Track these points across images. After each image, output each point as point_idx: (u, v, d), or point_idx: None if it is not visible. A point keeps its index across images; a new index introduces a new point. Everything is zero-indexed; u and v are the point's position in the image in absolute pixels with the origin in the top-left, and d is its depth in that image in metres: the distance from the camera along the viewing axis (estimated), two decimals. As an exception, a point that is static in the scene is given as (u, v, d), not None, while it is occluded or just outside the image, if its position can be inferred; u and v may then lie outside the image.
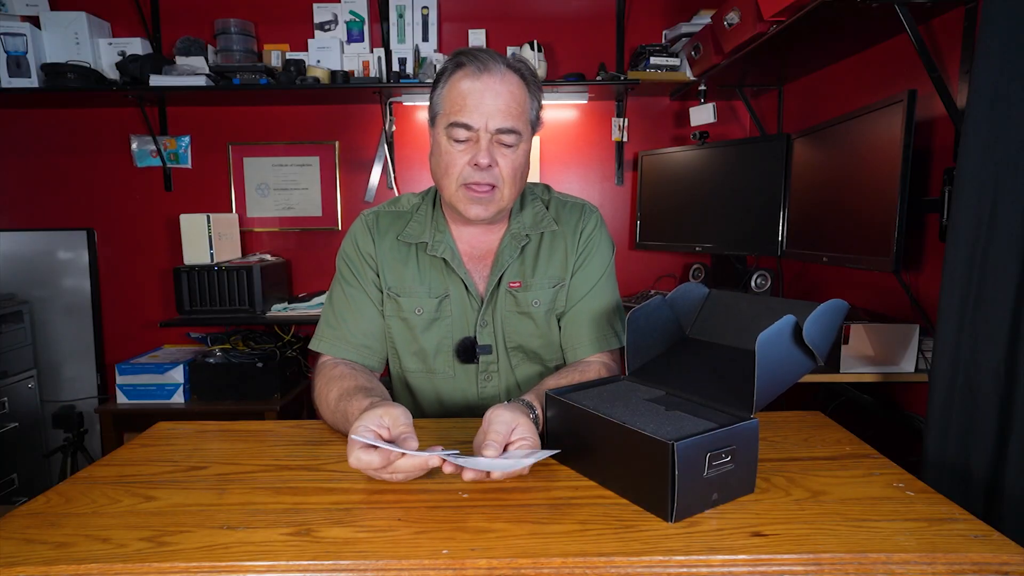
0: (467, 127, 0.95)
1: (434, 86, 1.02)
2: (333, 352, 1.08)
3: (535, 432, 0.80)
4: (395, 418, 0.76)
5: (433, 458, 0.72)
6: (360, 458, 0.72)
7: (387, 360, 1.14)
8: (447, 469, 0.73)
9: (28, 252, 2.56)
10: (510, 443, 0.78)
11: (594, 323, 1.08)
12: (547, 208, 1.12)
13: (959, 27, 1.42)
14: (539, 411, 0.87)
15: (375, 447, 0.73)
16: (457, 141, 0.97)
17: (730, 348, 0.89)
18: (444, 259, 1.06)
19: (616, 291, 1.14)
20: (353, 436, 0.73)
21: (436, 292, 1.07)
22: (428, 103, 1.04)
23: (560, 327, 1.11)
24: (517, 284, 1.08)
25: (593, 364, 1.04)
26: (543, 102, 1.05)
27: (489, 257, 1.09)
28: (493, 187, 0.98)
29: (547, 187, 1.18)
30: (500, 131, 0.96)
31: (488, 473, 0.73)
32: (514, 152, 0.99)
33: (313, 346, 1.10)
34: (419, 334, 1.08)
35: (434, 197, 1.12)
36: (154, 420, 1.02)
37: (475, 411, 1.10)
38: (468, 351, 1.08)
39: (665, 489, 0.65)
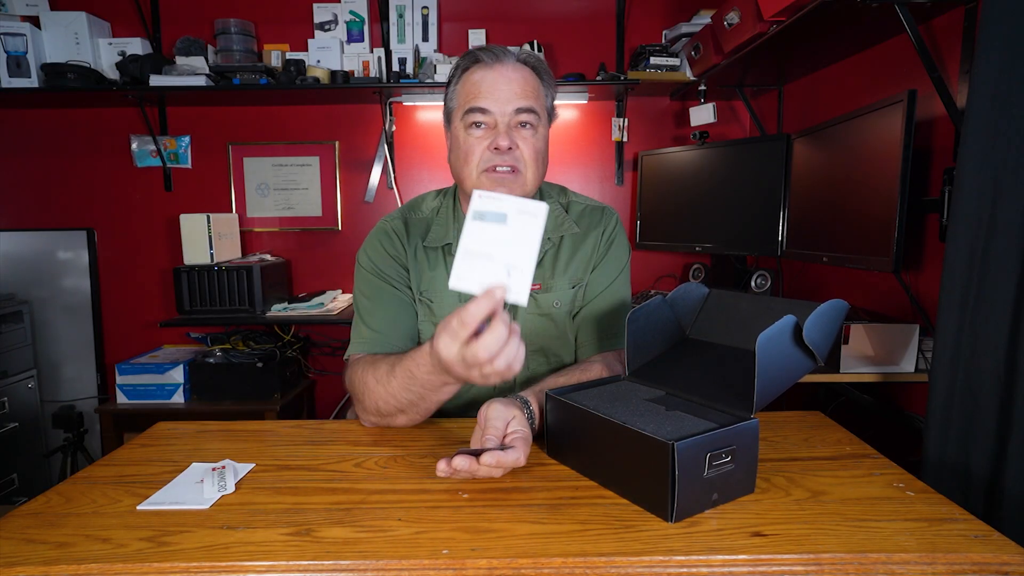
0: (484, 111, 0.96)
1: (448, 85, 1.03)
2: (376, 350, 1.02)
3: (527, 426, 0.81)
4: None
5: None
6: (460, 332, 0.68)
7: None
8: (452, 464, 0.73)
9: (28, 252, 2.56)
10: (505, 435, 0.79)
11: (603, 323, 1.09)
12: (566, 211, 1.13)
13: (959, 27, 1.42)
14: (534, 406, 0.87)
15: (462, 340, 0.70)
16: (475, 127, 0.98)
17: (730, 348, 0.89)
18: None
19: (628, 293, 1.14)
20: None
21: (465, 296, 1.05)
22: (442, 105, 1.06)
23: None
24: (537, 286, 1.08)
25: (596, 364, 1.03)
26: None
27: None
28: (516, 169, 0.98)
29: (563, 189, 1.18)
30: (519, 111, 0.97)
31: (478, 459, 0.72)
32: (534, 135, 0.99)
33: (354, 351, 1.03)
34: None
35: (454, 196, 1.12)
36: (154, 420, 1.02)
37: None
38: None
39: (665, 489, 0.65)
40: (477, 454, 0.73)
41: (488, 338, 0.68)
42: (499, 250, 0.70)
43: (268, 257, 2.59)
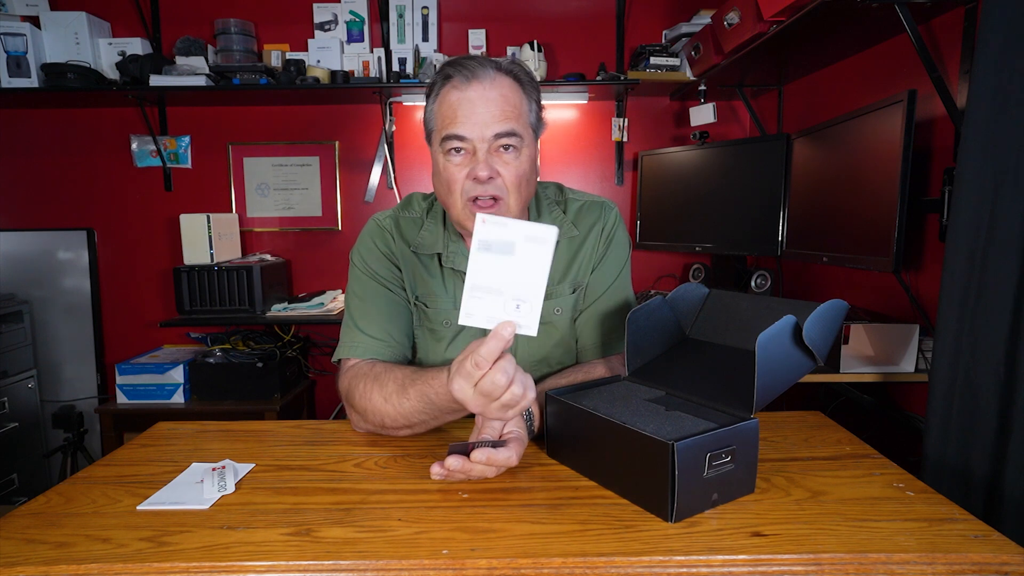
0: (461, 138, 0.90)
1: (426, 103, 0.98)
2: (371, 356, 0.99)
3: (523, 427, 0.82)
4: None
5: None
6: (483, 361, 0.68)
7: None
8: (445, 464, 0.73)
9: (28, 252, 2.56)
10: (501, 435, 0.80)
11: (606, 326, 1.06)
12: (564, 212, 1.08)
13: (959, 27, 1.42)
14: (534, 408, 0.86)
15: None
16: (455, 153, 0.92)
17: (730, 348, 0.89)
18: (463, 271, 1.01)
19: (630, 291, 1.10)
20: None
21: (460, 303, 1.04)
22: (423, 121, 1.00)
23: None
24: None
25: (599, 366, 1.02)
26: (543, 103, 1.00)
27: None
28: (497, 199, 0.93)
29: (559, 186, 1.13)
30: (498, 136, 0.90)
31: (468, 457, 0.73)
32: (517, 158, 0.93)
33: (344, 355, 1.00)
34: (446, 346, 1.04)
35: (443, 208, 1.07)
36: (154, 420, 1.02)
37: None
38: None
39: (665, 489, 0.65)
40: (467, 451, 0.73)
41: (502, 363, 0.69)
42: (507, 283, 0.70)
43: (268, 257, 2.59)
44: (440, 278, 1.04)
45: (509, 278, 0.69)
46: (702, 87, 2.27)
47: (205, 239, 2.37)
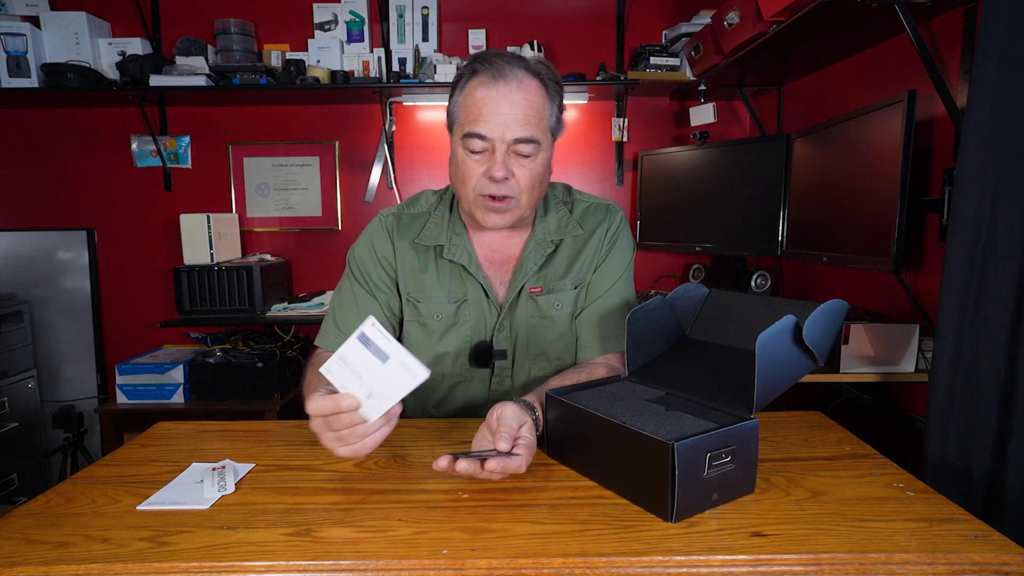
0: (482, 137, 0.93)
1: (451, 93, 1.00)
2: (333, 347, 1.05)
3: (534, 434, 0.81)
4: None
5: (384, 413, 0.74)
6: (318, 402, 0.73)
7: None
8: (455, 466, 0.72)
9: (28, 252, 2.56)
10: (514, 437, 0.78)
11: (606, 324, 1.07)
12: (570, 212, 1.11)
13: (959, 27, 1.42)
14: (539, 412, 0.86)
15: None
16: (473, 151, 0.95)
17: (730, 348, 0.89)
18: (462, 264, 1.04)
19: (632, 292, 1.12)
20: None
21: (455, 296, 1.06)
22: (442, 105, 1.03)
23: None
24: (539, 288, 1.06)
25: (599, 365, 1.02)
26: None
27: (511, 263, 1.08)
28: (509, 199, 0.96)
29: (567, 187, 1.16)
30: (517, 140, 0.93)
31: (482, 464, 0.72)
32: (532, 162, 0.96)
33: (317, 342, 1.09)
34: (438, 340, 1.06)
35: (452, 198, 1.10)
36: (154, 420, 1.02)
37: (479, 411, 1.09)
38: (484, 356, 1.06)
39: (665, 489, 0.65)
40: (482, 460, 0.73)
41: (322, 401, 0.72)
42: (369, 377, 0.74)
43: (268, 257, 2.59)
44: (435, 271, 1.07)
45: (372, 376, 0.73)
46: (702, 87, 2.27)
47: (205, 239, 2.37)
